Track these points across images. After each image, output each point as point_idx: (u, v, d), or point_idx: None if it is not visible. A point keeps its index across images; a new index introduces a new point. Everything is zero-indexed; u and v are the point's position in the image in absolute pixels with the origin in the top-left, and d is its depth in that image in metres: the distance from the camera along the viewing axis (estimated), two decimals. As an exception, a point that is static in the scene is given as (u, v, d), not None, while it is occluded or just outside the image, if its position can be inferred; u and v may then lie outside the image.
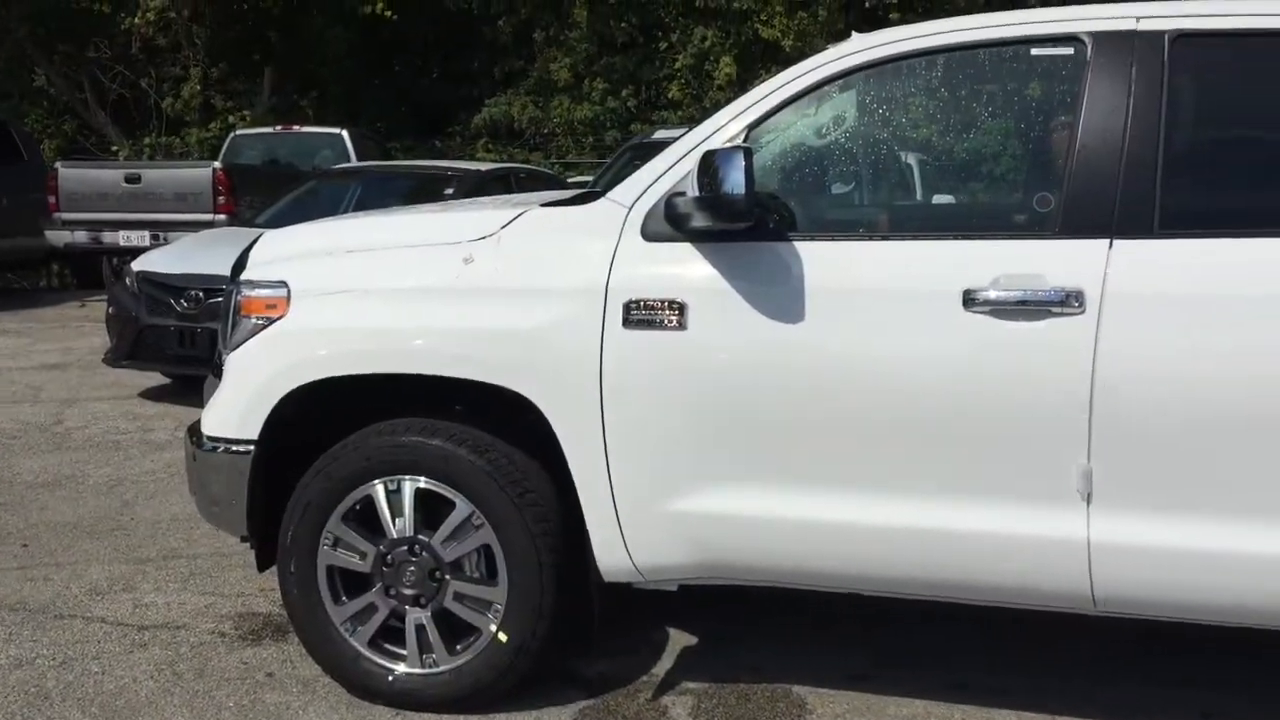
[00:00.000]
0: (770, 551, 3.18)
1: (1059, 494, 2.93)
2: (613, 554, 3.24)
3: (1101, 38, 3.04)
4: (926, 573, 3.12)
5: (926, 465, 3.03)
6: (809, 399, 3.06)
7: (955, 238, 3.15)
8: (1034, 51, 3.21)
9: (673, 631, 3.94)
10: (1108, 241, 2.91)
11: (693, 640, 3.90)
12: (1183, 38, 3.00)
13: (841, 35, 3.52)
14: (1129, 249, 2.90)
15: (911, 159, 4.22)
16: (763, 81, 3.45)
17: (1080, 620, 3.21)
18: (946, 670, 3.68)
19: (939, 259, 3.07)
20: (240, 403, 3.48)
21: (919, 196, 4.43)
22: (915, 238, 3.21)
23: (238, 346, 3.51)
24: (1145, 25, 3.03)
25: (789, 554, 3.18)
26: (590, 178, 12.39)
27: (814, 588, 3.33)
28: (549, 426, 3.23)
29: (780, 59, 18.12)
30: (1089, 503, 2.91)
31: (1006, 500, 2.99)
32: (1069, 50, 3.10)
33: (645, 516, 3.19)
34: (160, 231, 11.93)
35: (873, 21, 18.85)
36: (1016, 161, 3.67)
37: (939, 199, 4.17)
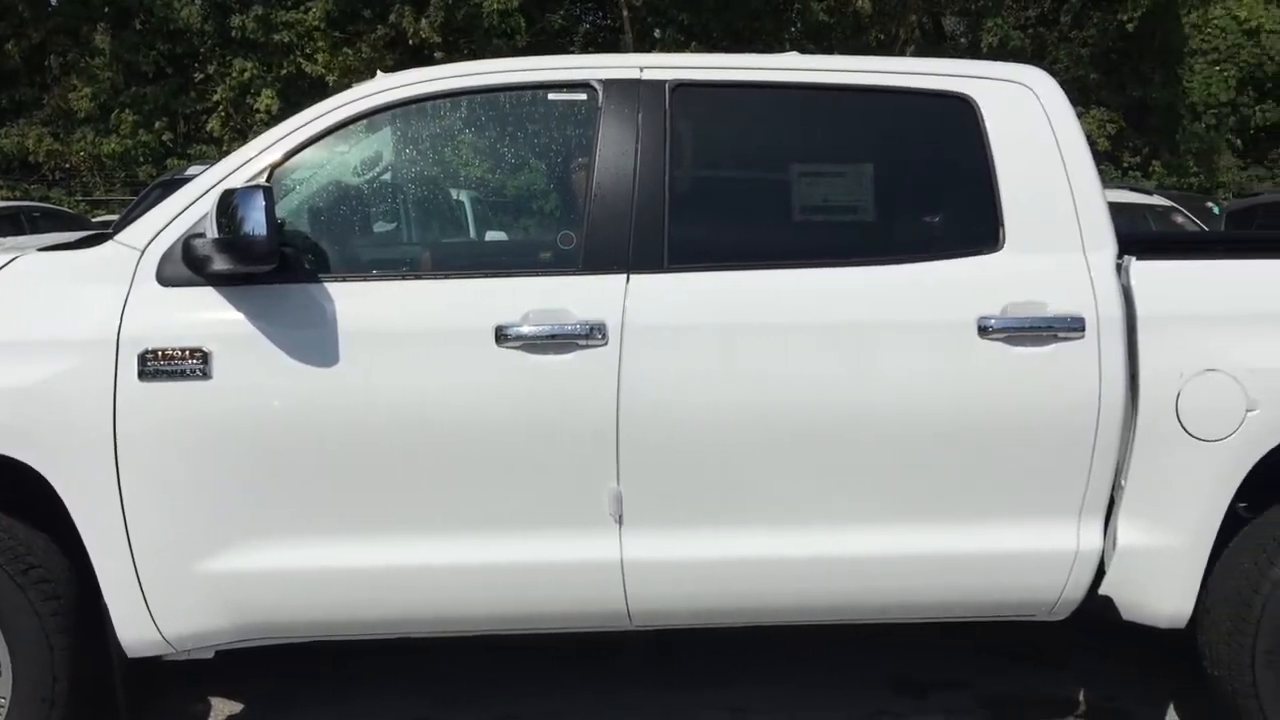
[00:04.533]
0: (313, 605, 3.07)
1: (594, 519, 3.06)
2: (137, 626, 2.98)
3: (610, 85, 3.23)
4: (476, 608, 3.15)
5: (468, 502, 3.05)
6: (344, 444, 2.98)
7: (487, 276, 3.20)
8: (551, 96, 3.35)
9: (215, 701, 3.70)
10: (625, 276, 3.09)
11: (237, 708, 3.68)
12: (681, 87, 3.25)
13: (390, 71, 3.49)
14: (643, 283, 3.09)
15: (446, 198, 4.27)
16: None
17: (621, 634, 3.36)
18: (501, 701, 3.73)
19: (471, 297, 3.10)
20: None
21: (453, 235, 4.49)
22: (448, 276, 3.21)
23: None
24: (648, 75, 3.25)
25: (334, 605, 3.08)
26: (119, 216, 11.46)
27: (365, 636, 3.25)
28: (56, 494, 2.92)
29: (327, 94, 17.76)
30: (621, 524, 3.06)
31: (548, 529, 3.08)
32: (582, 96, 3.27)
33: (173, 582, 2.97)
34: None
35: (418, 59, 19.02)
36: (542, 201, 3.82)
37: (472, 238, 4.25)
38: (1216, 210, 13.39)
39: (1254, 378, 3.04)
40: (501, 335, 3.01)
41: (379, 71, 3.51)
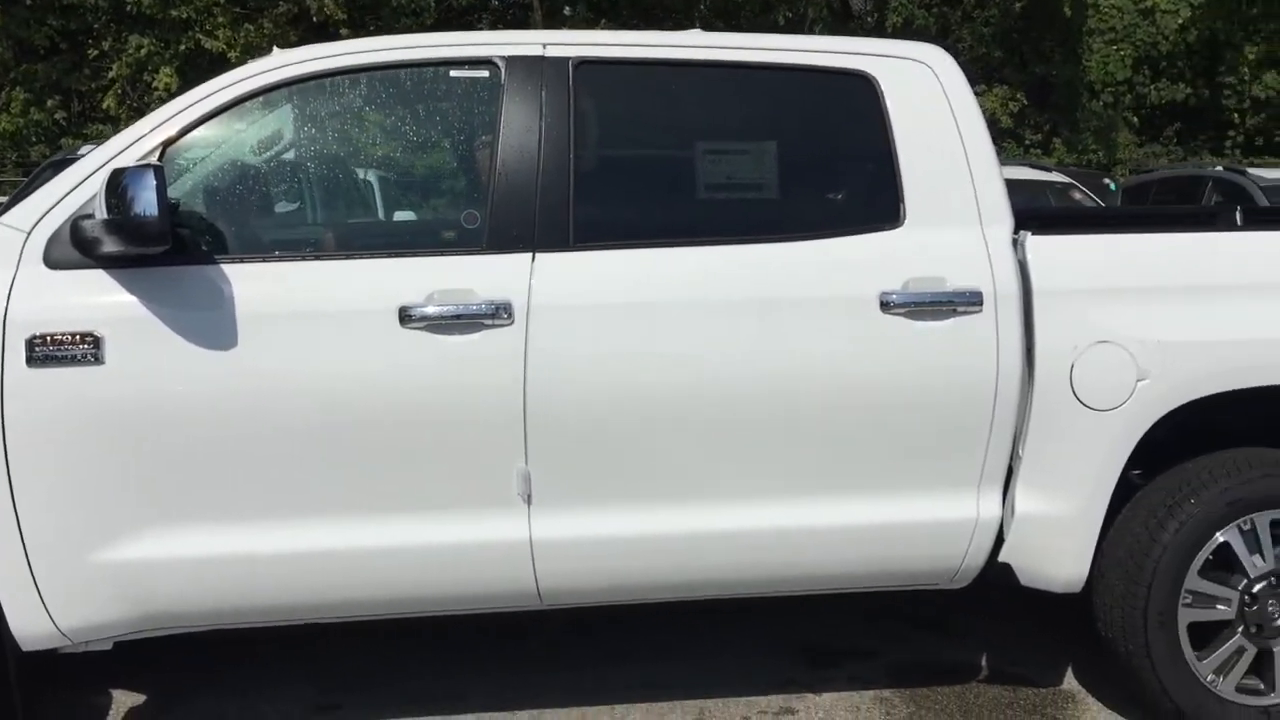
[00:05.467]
0: (215, 593, 3.01)
1: (502, 499, 3.05)
2: (31, 619, 2.90)
3: (513, 62, 3.20)
4: (384, 592, 3.12)
5: (376, 485, 3.01)
6: (244, 429, 2.92)
7: (390, 256, 3.15)
8: (453, 73, 3.31)
9: (116, 693, 3.61)
10: (530, 255, 3.07)
11: (140, 699, 3.60)
12: (585, 64, 3.23)
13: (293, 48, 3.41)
14: (549, 262, 3.07)
15: (348, 177, 4.19)
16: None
17: (524, 615, 3.36)
18: (404, 684, 3.71)
19: (374, 277, 3.06)
20: None
21: (355, 215, 4.41)
22: (350, 257, 3.15)
23: None
24: (552, 51, 3.22)
25: (237, 593, 3.03)
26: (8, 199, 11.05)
27: (269, 623, 3.20)
28: (-59, 485, 2.82)
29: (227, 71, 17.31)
30: (530, 504, 3.06)
31: (455, 511, 3.06)
32: (485, 73, 3.23)
33: (68, 573, 2.89)
34: None
35: (323, 37, 18.63)
36: (446, 180, 3.77)
37: (375, 218, 4.19)
38: (1113, 186, 13.74)
39: (1144, 349, 3.13)
40: (406, 316, 2.98)
41: (274, 48, 3.43)
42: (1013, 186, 3.38)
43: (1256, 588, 3.25)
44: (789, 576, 3.29)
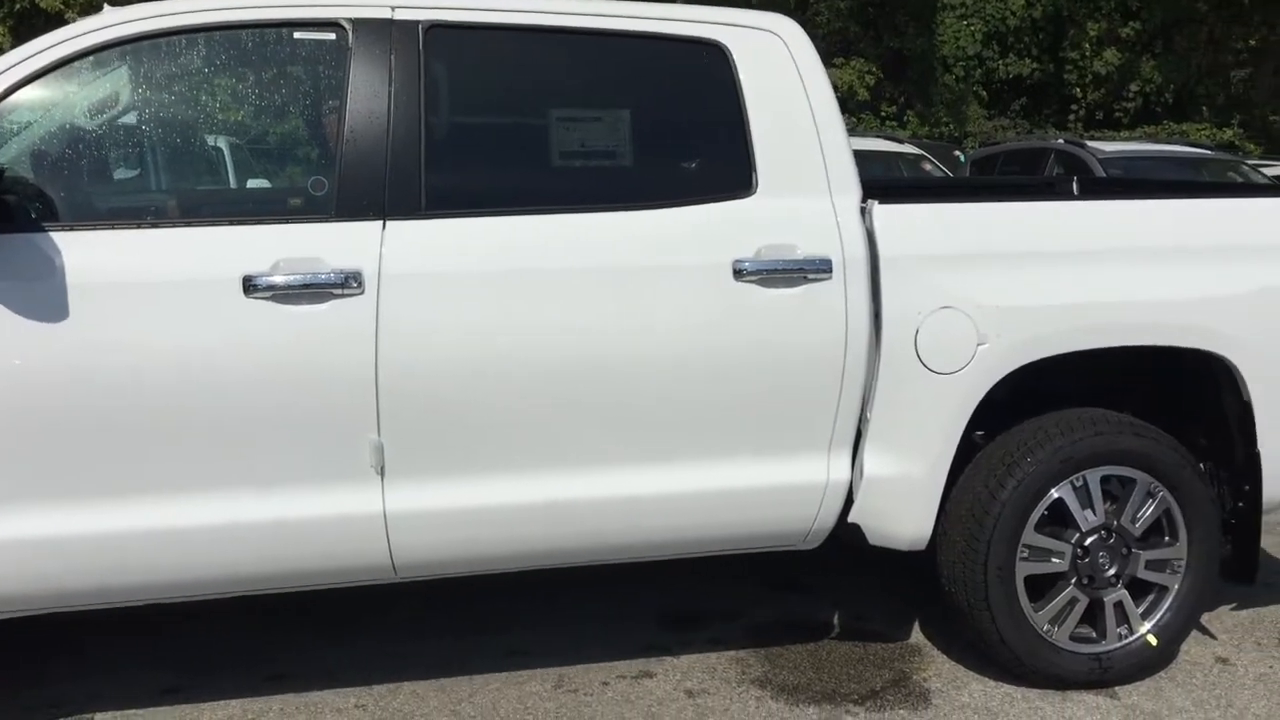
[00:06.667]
0: (53, 576, 2.89)
1: (354, 472, 3.00)
2: None
3: (361, 25, 3.12)
4: (232, 570, 3.04)
5: (219, 459, 2.93)
6: (79, 404, 2.80)
7: (233, 223, 3.05)
8: (298, 35, 3.20)
9: (-52, 684, 3.45)
10: (381, 223, 3.01)
11: (-26, 688, 3.45)
12: (435, 28, 3.17)
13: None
14: (400, 229, 3.02)
15: (190, 142, 4.03)
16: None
17: (390, 588, 3.32)
18: (260, 664, 3.62)
19: (216, 245, 2.96)
20: None
21: (199, 182, 4.25)
22: (190, 224, 3.03)
23: None
24: (401, 15, 3.15)
25: (75, 575, 2.91)
26: None
27: (111, 605, 3.08)
28: None
29: (64, 31, 16.45)
30: (383, 476, 3.01)
31: (307, 484, 3.00)
32: (332, 36, 3.14)
33: (-113, 559, 2.73)
34: None
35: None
36: (292, 146, 3.66)
37: (218, 184, 4.05)
38: (962, 158, 14.19)
39: (983, 313, 3.24)
40: (250, 285, 2.89)
41: (106, 5, 3.27)
42: (867, 158, 3.47)
43: (1088, 541, 3.42)
44: (645, 542, 3.31)
